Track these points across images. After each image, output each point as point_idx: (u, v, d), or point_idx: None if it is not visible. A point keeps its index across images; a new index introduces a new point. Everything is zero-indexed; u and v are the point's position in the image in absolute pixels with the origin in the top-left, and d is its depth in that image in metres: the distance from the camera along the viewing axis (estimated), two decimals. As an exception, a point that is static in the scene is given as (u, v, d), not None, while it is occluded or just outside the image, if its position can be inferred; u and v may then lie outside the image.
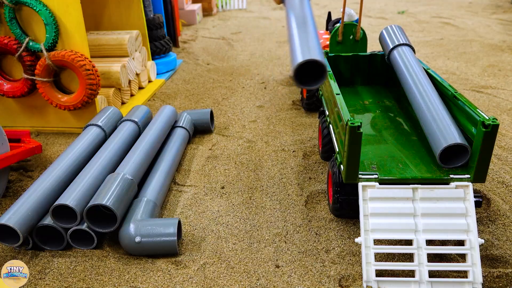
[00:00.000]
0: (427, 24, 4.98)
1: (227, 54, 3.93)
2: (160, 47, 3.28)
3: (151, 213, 1.49)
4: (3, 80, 2.22)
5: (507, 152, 1.98)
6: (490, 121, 1.18)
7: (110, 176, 1.51)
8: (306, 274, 1.30)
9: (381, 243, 1.34)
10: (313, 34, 1.11)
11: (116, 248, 1.44)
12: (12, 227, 1.35)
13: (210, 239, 1.47)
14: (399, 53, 1.80)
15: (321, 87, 1.97)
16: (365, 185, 1.27)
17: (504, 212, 1.55)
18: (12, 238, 1.40)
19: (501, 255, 1.34)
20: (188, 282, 1.28)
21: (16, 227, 1.35)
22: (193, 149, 2.13)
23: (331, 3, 6.99)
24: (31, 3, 1.98)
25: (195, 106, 2.69)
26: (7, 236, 1.41)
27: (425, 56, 3.63)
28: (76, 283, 1.29)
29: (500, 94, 2.70)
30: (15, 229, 1.35)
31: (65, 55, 2.04)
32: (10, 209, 1.41)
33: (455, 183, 1.27)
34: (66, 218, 1.41)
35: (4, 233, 1.40)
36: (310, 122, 2.38)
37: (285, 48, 4.09)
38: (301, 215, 1.58)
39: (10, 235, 1.40)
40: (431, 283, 1.18)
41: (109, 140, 1.80)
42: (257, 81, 3.13)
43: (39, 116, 2.35)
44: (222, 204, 1.67)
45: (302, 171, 1.88)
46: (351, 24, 2.29)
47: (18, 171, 1.94)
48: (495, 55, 3.58)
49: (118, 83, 2.53)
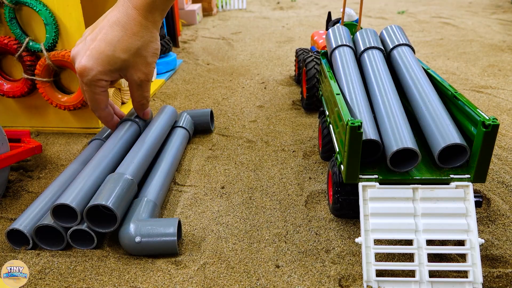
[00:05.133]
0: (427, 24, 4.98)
1: (227, 54, 3.93)
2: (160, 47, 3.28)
3: (151, 213, 1.49)
4: (3, 80, 2.22)
5: (507, 152, 1.98)
6: (490, 121, 1.18)
7: (110, 176, 1.51)
8: (306, 274, 1.30)
9: (381, 243, 1.34)
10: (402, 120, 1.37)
11: (116, 248, 1.44)
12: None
13: (210, 239, 1.47)
14: (398, 53, 1.80)
15: (321, 87, 1.97)
16: (365, 185, 1.27)
17: (504, 212, 1.55)
18: (21, 241, 1.45)
19: (501, 255, 1.35)
20: (188, 282, 1.28)
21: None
22: (193, 149, 2.13)
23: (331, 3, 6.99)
24: (31, 3, 1.98)
25: (195, 106, 2.69)
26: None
27: (425, 56, 3.63)
28: (76, 283, 1.29)
29: (500, 94, 2.70)
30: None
31: (65, 55, 2.04)
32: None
33: (455, 183, 1.26)
34: (66, 218, 1.41)
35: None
36: (310, 122, 2.38)
37: (285, 48, 4.09)
38: (301, 215, 1.58)
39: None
40: (431, 283, 1.18)
41: (109, 140, 1.80)
42: (257, 81, 3.13)
43: (39, 116, 2.35)
44: (222, 204, 1.67)
45: (302, 171, 1.87)
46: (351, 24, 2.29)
47: (18, 171, 1.94)
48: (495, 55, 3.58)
49: (118, 83, 2.53)
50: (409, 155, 1.29)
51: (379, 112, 1.47)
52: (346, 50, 1.82)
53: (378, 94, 1.54)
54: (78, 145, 2.20)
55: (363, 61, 1.80)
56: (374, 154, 1.35)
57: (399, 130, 1.33)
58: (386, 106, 1.46)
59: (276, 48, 4.08)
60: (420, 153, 1.26)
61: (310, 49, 2.86)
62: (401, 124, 1.36)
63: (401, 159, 1.31)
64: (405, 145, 1.26)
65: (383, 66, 1.70)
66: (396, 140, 1.29)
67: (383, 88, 1.55)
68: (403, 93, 1.67)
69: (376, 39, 1.90)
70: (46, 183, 1.85)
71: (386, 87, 1.55)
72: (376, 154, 1.35)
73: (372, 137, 1.31)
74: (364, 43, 1.84)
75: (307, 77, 2.36)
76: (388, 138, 1.33)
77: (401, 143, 1.27)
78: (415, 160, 1.27)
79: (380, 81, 1.59)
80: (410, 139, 1.29)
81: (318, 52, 2.49)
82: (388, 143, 1.32)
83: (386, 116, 1.42)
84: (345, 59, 1.76)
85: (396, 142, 1.28)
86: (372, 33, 1.93)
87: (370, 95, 1.60)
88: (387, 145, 1.32)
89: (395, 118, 1.39)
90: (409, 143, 1.26)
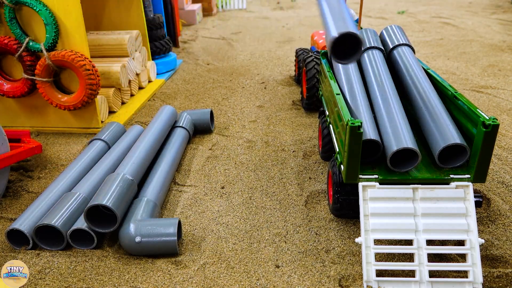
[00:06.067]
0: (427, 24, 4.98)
1: (227, 54, 3.93)
2: (160, 47, 3.28)
3: (151, 213, 1.49)
4: (3, 80, 2.22)
5: (507, 152, 1.98)
6: (490, 121, 1.18)
7: (110, 176, 1.51)
8: (306, 274, 1.30)
9: (381, 243, 1.34)
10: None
11: (116, 248, 1.44)
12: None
13: (210, 239, 1.47)
14: (398, 53, 1.80)
15: (321, 87, 1.97)
16: (365, 185, 1.27)
17: (504, 212, 1.55)
18: (21, 241, 1.45)
19: (501, 255, 1.34)
20: (188, 282, 1.28)
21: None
22: (193, 149, 2.13)
23: (331, 3, 6.97)
24: (31, 3, 1.98)
25: (195, 106, 2.69)
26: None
27: (425, 56, 3.63)
28: (76, 283, 1.29)
29: (500, 94, 2.70)
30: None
31: (65, 55, 2.04)
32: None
33: (455, 183, 1.27)
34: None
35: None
36: (310, 122, 2.38)
37: (285, 48, 4.09)
38: (301, 215, 1.58)
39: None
40: (431, 283, 1.18)
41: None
42: (257, 81, 3.13)
43: (39, 116, 2.35)
44: (222, 204, 1.67)
45: (302, 171, 1.87)
46: (351, 24, 2.29)
47: (18, 171, 1.94)
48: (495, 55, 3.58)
49: (118, 83, 2.53)
50: (409, 155, 1.29)
51: (379, 112, 1.47)
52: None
53: (378, 94, 1.54)
54: (78, 145, 2.20)
55: (363, 61, 1.80)
56: (374, 154, 1.35)
57: (399, 130, 1.33)
58: (386, 106, 1.46)
59: (276, 48, 4.08)
60: (420, 153, 1.26)
61: (310, 49, 2.86)
62: (401, 124, 1.36)
63: (401, 159, 1.31)
64: (405, 145, 1.26)
65: (383, 66, 1.70)
66: (396, 140, 1.29)
67: (383, 88, 1.55)
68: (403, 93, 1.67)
69: (376, 39, 1.90)
70: (46, 183, 1.85)
71: (386, 87, 1.55)
72: (376, 154, 1.35)
73: (372, 137, 1.31)
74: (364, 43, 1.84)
75: (307, 77, 2.36)
76: (388, 138, 1.33)
77: (401, 143, 1.27)
78: (415, 160, 1.27)
79: (380, 81, 1.59)
80: (410, 139, 1.29)
81: (318, 52, 2.49)
82: (388, 143, 1.32)
83: (386, 116, 1.42)
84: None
85: (396, 142, 1.28)
86: (372, 33, 1.93)
87: (370, 95, 1.60)
88: (387, 145, 1.32)
89: (395, 118, 1.39)
90: (409, 143, 1.26)
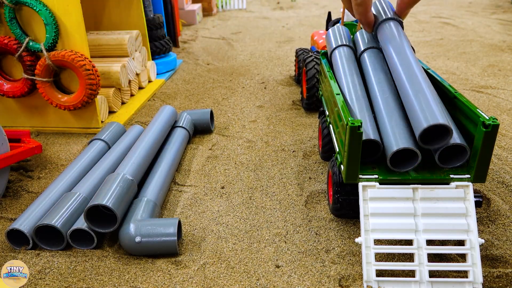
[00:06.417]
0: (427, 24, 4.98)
1: (227, 54, 3.93)
2: (160, 47, 3.28)
3: (151, 213, 1.49)
4: (3, 80, 2.22)
5: (507, 152, 1.98)
6: (490, 121, 1.18)
7: (110, 176, 1.51)
8: (306, 274, 1.30)
9: (381, 243, 1.34)
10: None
11: (116, 248, 1.44)
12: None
13: (210, 239, 1.47)
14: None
15: (321, 87, 1.97)
16: (365, 185, 1.27)
17: (504, 212, 1.55)
18: (21, 241, 1.45)
19: (501, 255, 1.34)
20: (188, 282, 1.28)
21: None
22: (193, 149, 2.13)
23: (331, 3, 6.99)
24: (31, 3, 1.98)
25: (195, 106, 2.69)
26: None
27: (425, 56, 3.63)
28: (76, 283, 1.29)
29: (500, 94, 2.70)
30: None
31: (65, 55, 2.04)
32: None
33: (455, 183, 1.26)
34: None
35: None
36: (310, 122, 2.38)
37: (285, 48, 4.09)
38: (301, 215, 1.58)
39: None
40: (431, 283, 1.18)
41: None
42: (257, 81, 3.13)
43: (39, 116, 2.35)
44: (222, 204, 1.67)
45: (302, 171, 1.87)
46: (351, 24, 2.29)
47: (18, 171, 1.94)
48: (495, 55, 3.58)
49: (118, 83, 2.53)
50: (409, 155, 1.29)
51: (379, 112, 1.47)
52: (346, 50, 1.82)
53: (378, 94, 1.54)
54: (78, 145, 2.20)
55: (363, 61, 1.79)
56: (374, 154, 1.35)
57: (399, 130, 1.33)
58: (386, 106, 1.46)
59: (276, 48, 4.08)
60: (420, 153, 1.26)
61: (310, 49, 2.86)
62: (401, 124, 1.36)
63: (401, 159, 1.31)
64: (405, 145, 1.26)
65: (383, 66, 1.69)
66: (396, 140, 1.29)
67: (383, 88, 1.55)
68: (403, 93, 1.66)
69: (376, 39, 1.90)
70: (46, 183, 1.85)
71: (386, 87, 1.55)
72: (376, 154, 1.35)
73: (372, 137, 1.31)
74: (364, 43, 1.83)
75: (307, 77, 2.36)
76: (388, 138, 1.33)
77: (401, 143, 1.27)
78: (415, 160, 1.27)
79: (380, 81, 1.59)
80: (410, 139, 1.29)
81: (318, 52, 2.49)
82: (388, 143, 1.31)
83: (386, 116, 1.41)
84: (345, 59, 1.76)
85: (396, 142, 1.28)
86: None
87: (370, 95, 1.60)
88: (387, 145, 1.32)
89: (395, 118, 1.39)
90: (409, 143, 1.26)
